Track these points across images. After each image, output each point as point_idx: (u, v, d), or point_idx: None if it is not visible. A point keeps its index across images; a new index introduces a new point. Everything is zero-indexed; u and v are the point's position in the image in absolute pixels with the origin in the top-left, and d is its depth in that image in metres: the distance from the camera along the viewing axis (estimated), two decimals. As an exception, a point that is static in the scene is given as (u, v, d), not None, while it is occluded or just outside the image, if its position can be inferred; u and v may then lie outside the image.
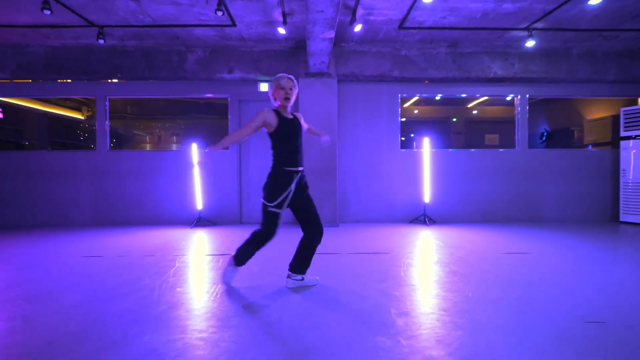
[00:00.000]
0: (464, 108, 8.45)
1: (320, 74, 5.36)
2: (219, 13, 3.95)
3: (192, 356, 1.59)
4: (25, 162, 5.70)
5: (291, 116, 2.59)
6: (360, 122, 5.86)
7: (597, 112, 6.93)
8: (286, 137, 2.48)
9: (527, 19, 4.60)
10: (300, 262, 2.55)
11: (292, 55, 5.49)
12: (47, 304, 2.23)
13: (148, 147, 8.29)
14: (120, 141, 7.99)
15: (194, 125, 7.77)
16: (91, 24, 4.66)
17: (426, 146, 5.69)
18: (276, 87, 2.52)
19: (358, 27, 4.42)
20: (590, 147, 6.69)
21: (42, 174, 5.69)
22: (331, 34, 3.86)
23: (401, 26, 4.75)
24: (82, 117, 8.52)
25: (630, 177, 5.58)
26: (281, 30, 4.57)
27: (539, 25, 4.78)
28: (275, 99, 2.55)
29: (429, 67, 5.57)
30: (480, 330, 1.85)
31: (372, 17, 4.51)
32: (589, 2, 4.04)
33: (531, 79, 5.75)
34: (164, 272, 2.96)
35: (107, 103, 5.79)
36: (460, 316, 2.02)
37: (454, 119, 8.82)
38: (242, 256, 2.55)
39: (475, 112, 8.50)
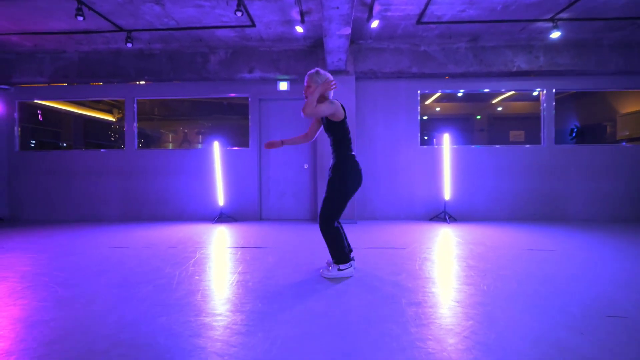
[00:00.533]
0: (488, 104, 8.23)
1: (338, 72, 5.39)
2: (239, 14, 4.08)
3: (205, 336, 1.67)
4: (59, 161, 6.08)
5: None
6: (380, 119, 5.84)
7: (631, 105, 6.56)
8: (348, 128, 2.66)
9: (551, 9, 4.44)
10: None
11: (310, 53, 5.55)
12: (75, 289, 2.38)
13: (170, 146, 8.62)
14: (148, 141, 8.36)
15: (217, 125, 8.00)
16: (120, 29, 4.92)
17: (446, 142, 5.59)
18: (324, 81, 2.54)
19: (375, 24, 4.42)
20: (624, 143, 6.34)
21: (74, 173, 6.05)
22: (347, 31, 3.88)
23: (419, 21, 4.71)
24: (113, 119, 8.99)
25: (669, 174, 5.25)
26: (299, 29, 4.64)
27: (564, 15, 4.59)
28: (318, 91, 2.51)
29: (448, 62, 5.47)
30: (493, 321, 1.82)
31: (389, 13, 4.50)
32: (619, -11, 3.85)
33: (558, 72, 5.54)
34: (184, 262, 3.08)
35: (135, 104, 6.08)
36: (473, 308, 2.00)
37: (478, 117, 8.60)
38: (340, 254, 2.59)
39: (500, 108, 8.26)
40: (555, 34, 4.73)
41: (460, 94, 7.45)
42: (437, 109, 8.33)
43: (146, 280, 2.55)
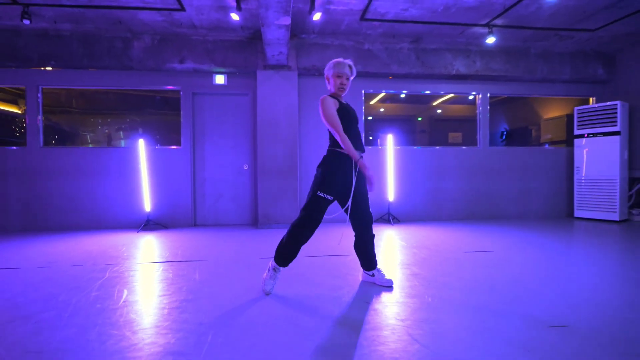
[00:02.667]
0: (429, 106, 8.46)
1: (279, 66, 5.06)
2: (162, -7, 3.55)
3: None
4: (-62, 160, 4.96)
5: (345, 102, 2.41)
6: (323, 118, 5.61)
7: (553, 111, 7.13)
8: (346, 123, 2.28)
9: (488, 14, 4.55)
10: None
11: (249, 45, 5.14)
12: None
13: (91, 144, 7.60)
14: (64, 138, 7.26)
15: (149, 121, 7.19)
16: (13, 1, 4.08)
17: (390, 143, 5.55)
18: (335, 73, 2.32)
19: (317, 16, 4.17)
20: (547, 146, 6.86)
21: (-40, 174, 4.97)
22: (287, 21, 3.57)
23: (363, 17, 4.56)
24: (19, 111, 7.68)
25: (584, 174, 5.74)
26: (234, 17, 4.22)
27: (499, 21, 4.75)
28: (330, 83, 2.37)
29: (392, 62, 5.42)
30: (439, 342, 1.64)
31: (332, 7, 4.28)
32: (547, -1, 4.03)
33: (492, 77, 5.78)
34: (87, 285, 2.54)
35: (39, 94, 5.16)
36: (418, 326, 1.81)
37: (419, 118, 8.82)
38: (289, 254, 2.30)
39: (439, 110, 8.54)
40: (491, 40, 4.88)
41: (403, 95, 7.53)
42: (382, 109, 8.38)
43: (27, 314, 2.00)
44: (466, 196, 5.89)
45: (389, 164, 5.54)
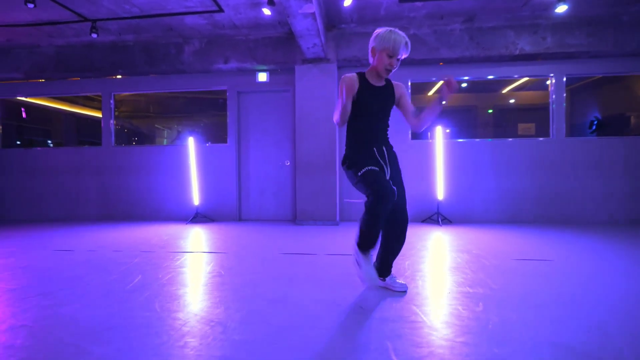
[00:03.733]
0: (497, 95, 7.54)
1: (317, 60, 4.95)
2: (194, -6, 3.71)
3: None
4: (39, 158, 5.94)
5: (383, 82, 2.08)
6: (366, 112, 5.34)
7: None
8: (365, 108, 2.02)
9: (555, -22, 3.83)
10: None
11: (288, 41, 5.13)
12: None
13: (165, 142, 8.43)
14: (142, 138, 8.19)
15: (201, 121, 7.72)
16: (84, 19, 4.67)
17: (439, 136, 5.04)
18: (386, 49, 1.95)
19: (348, 2, 3.95)
20: (650, 135, 5.57)
21: (54, 170, 5.89)
22: (310, 8, 3.44)
23: (402, -1, 4.20)
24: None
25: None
26: (266, 11, 4.23)
27: (572, -15, 3.97)
28: (374, 57, 2.02)
29: (441, 46, 4.92)
30: (421, 363, 1.34)
31: (366, -10, 4.02)
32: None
33: (568, 54, 4.87)
34: (113, 269, 2.74)
35: (112, 100, 5.86)
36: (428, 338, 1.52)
37: (490, 110, 7.93)
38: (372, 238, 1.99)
39: (508, 100, 7.56)
40: (562, 8, 4.11)
41: (464, 85, 6.84)
42: (444, 101, 7.71)
43: (50, 291, 2.21)
44: (534, 195, 5.06)
45: (438, 158, 5.04)
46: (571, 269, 2.65)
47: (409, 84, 5.29)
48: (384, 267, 2.19)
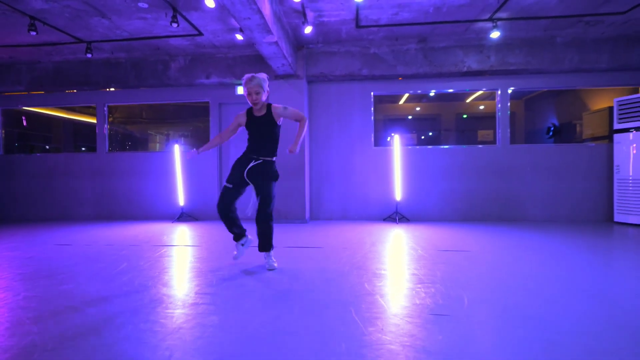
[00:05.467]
0: (459, 104, 8.20)
1: (287, 76, 5.56)
2: (174, 25, 4.32)
3: (44, 323, 1.89)
4: (40, 163, 6.53)
5: (263, 112, 2.92)
6: (334, 121, 5.97)
7: (595, 103, 6.41)
8: (251, 133, 2.96)
9: (485, 9, 4.45)
10: (260, 240, 3.01)
11: (263, 59, 5.73)
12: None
13: (158, 147, 9.03)
14: (135, 143, 8.79)
15: (186, 128, 8.33)
16: (80, 40, 5.26)
17: (396, 143, 5.66)
18: (245, 93, 2.85)
19: (308, 29, 4.56)
20: (588, 142, 6.21)
21: (54, 174, 6.48)
22: (272, 38, 4.05)
23: (358, 25, 4.81)
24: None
25: (630, 174, 5.08)
26: (239, 37, 4.84)
27: (502, 14, 4.59)
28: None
29: (398, 63, 5.54)
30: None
31: (324, 19, 4.63)
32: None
33: (510, 71, 5.50)
34: (102, 259, 3.34)
35: (105, 109, 6.44)
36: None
37: (465, 115, 8.56)
38: (232, 233, 3.09)
39: (482, 107, 8.20)
40: (495, 34, 4.73)
41: (432, 94, 7.49)
42: (418, 108, 8.37)
43: (53, 274, 2.81)
44: (483, 197, 5.70)
45: (396, 163, 5.66)
46: (484, 258, 3.28)
47: (372, 95, 5.90)
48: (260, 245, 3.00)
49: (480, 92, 7.16)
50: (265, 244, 2.98)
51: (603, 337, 1.65)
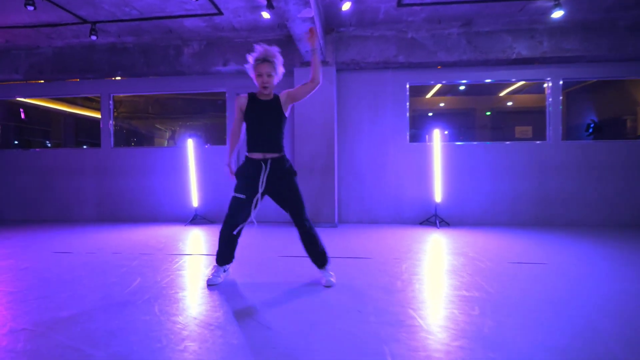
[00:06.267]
0: (494, 98, 7.60)
1: (316, 62, 4.97)
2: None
3: None
4: (38, 159, 5.94)
5: (270, 97, 2.34)
6: (364, 113, 5.38)
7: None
8: (251, 121, 2.31)
9: (551, -16, 3.87)
10: (313, 257, 2.43)
11: (287, 44, 5.15)
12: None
13: (166, 143, 8.45)
14: (141, 139, 8.21)
15: (201, 123, 7.74)
16: (84, 21, 4.68)
17: (437, 139, 5.07)
18: (254, 73, 2.30)
19: (346, 6, 3.98)
20: (645, 139, 5.62)
21: (53, 171, 5.89)
22: (309, 13, 3.47)
23: (400, 3, 4.23)
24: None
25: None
26: (265, 15, 4.26)
27: (568, -9, 4.01)
28: (256, 83, 2.33)
29: (439, 49, 4.95)
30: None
31: (364, -6, 4.06)
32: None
33: (565, 58, 4.92)
34: (112, 271, 2.75)
35: (110, 101, 5.86)
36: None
37: (488, 113, 7.98)
38: (219, 253, 2.45)
39: (507, 103, 7.62)
40: (558, 14, 4.15)
41: (462, 87, 6.89)
42: (441, 104, 7.78)
43: (47, 295, 2.22)
44: (532, 198, 5.10)
45: (436, 161, 5.07)
46: (564, 272, 2.69)
47: (407, 86, 5.32)
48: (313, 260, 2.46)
49: (517, 85, 6.57)
50: (321, 258, 2.42)
51: None
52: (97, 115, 8.78)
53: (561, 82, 5.12)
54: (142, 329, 1.71)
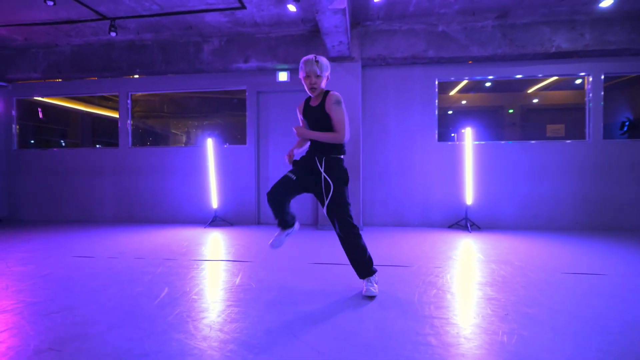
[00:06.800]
0: (522, 94, 7.26)
1: (341, 58, 4.75)
2: (218, -10, 3.55)
3: None
4: (56, 159, 5.87)
5: (318, 101, 2.27)
6: (391, 111, 5.14)
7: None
8: (309, 126, 2.33)
9: (601, -30, 3.57)
10: (355, 266, 2.26)
11: (311, 39, 4.95)
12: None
13: (184, 143, 8.34)
14: (157, 139, 8.10)
15: (221, 122, 7.58)
16: (103, 17, 4.55)
17: (468, 138, 4.81)
18: (301, 75, 2.25)
19: (379, -4, 3.74)
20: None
21: (71, 171, 5.81)
22: (342, 4, 3.25)
23: (434, -7, 3.98)
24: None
25: None
26: (291, 8, 4.05)
27: (619, -22, 3.70)
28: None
29: (471, 43, 4.68)
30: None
31: (396, -16, 3.81)
32: None
33: (608, 51, 4.60)
34: (138, 279, 2.59)
35: (129, 100, 5.75)
36: (482, 378, 1.33)
37: (511, 110, 7.64)
38: (279, 220, 2.42)
39: (535, 100, 7.27)
40: (607, 2, 3.84)
41: (488, 84, 6.58)
42: (464, 101, 7.47)
43: (70, 307, 2.06)
44: (571, 201, 4.80)
45: (467, 161, 4.80)
46: (628, 284, 2.42)
47: (436, 82, 5.06)
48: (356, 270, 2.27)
49: (547, 81, 6.24)
50: (363, 268, 2.22)
51: None
52: (113, 114, 8.75)
53: (602, 77, 4.80)
54: (177, 351, 1.52)
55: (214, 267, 2.95)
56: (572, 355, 1.48)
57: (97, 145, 7.52)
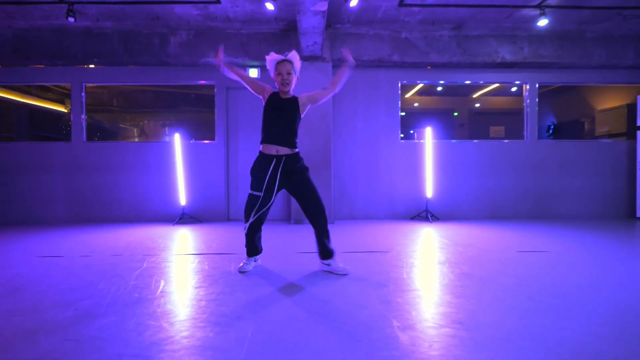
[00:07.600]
0: (469, 99, 8.05)
1: (313, 58, 4.93)
2: (198, -17, 3.52)
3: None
4: (-6, 154, 5.26)
5: (289, 96, 2.50)
6: (359, 111, 5.43)
7: (609, 101, 6.52)
8: (269, 115, 2.47)
9: (539, -6, 4.17)
10: (320, 249, 2.50)
11: (284, 37, 5.05)
12: (-36, 316, 1.79)
13: (137, 139, 7.87)
14: (105, 134, 7.56)
15: (182, 117, 7.33)
16: (60, 0, 4.22)
17: (428, 137, 5.26)
18: (274, 71, 2.45)
19: (354, 2, 3.98)
20: (605, 139, 6.28)
21: (14, 167, 5.24)
22: (323, 6, 3.43)
23: (402, 3, 4.32)
24: (65, 110, 8.08)
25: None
26: (269, 6, 4.13)
27: (552, 1, 4.35)
28: (275, 82, 2.51)
29: (431, 50, 5.14)
30: (509, 352, 1.42)
31: (369, -8, 4.09)
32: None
33: (541, 64, 5.33)
34: (125, 275, 2.52)
35: (83, 92, 5.35)
36: (479, 331, 1.59)
37: (455, 113, 8.42)
38: (247, 247, 2.58)
39: (477, 105, 8.10)
40: (543, 22, 4.49)
41: (439, 88, 7.18)
42: (416, 104, 8.07)
43: (68, 301, 1.98)
44: (512, 193, 5.48)
45: (427, 158, 5.26)
46: (565, 259, 2.93)
47: (399, 84, 5.45)
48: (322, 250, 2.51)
49: (490, 87, 7.02)
50: (329, 252, 2.52)
51: None
52: (55, 107, 7.97)
53: (537, 86, 5.55)
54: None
55: (203, 260, 2.95)
56: (539, 309, 1.82)
57: (46, 142, 6.83)
